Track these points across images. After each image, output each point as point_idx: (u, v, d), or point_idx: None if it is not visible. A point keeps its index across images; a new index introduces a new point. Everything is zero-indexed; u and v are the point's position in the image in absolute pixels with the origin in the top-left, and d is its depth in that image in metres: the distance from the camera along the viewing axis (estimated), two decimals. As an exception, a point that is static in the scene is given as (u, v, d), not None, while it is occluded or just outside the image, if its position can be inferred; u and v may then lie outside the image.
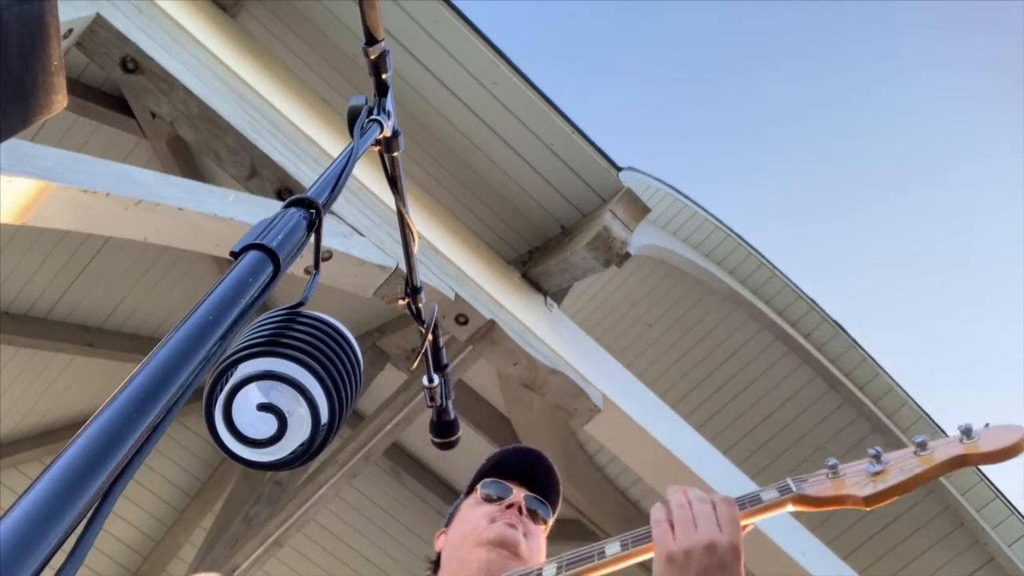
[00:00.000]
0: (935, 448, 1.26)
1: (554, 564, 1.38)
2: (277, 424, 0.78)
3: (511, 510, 1.63)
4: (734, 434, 5.88)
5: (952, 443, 1.26)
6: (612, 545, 1.32)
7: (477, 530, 1.60)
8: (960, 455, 1.23)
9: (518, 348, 3.98)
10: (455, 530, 1.68)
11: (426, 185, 4.55)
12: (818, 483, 1.29)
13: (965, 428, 1.24)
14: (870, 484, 1.25)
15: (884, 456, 1.27)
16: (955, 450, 1.24)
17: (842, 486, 1.27)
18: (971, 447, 1.23)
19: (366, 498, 6.33)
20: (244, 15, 4.40)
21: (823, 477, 1.30)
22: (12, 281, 5.20)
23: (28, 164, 2.64)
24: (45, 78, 1.08)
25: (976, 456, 1.22)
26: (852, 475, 1.28)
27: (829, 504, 1.27)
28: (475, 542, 1.58)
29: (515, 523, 1.61)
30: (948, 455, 1.24)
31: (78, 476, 0.56)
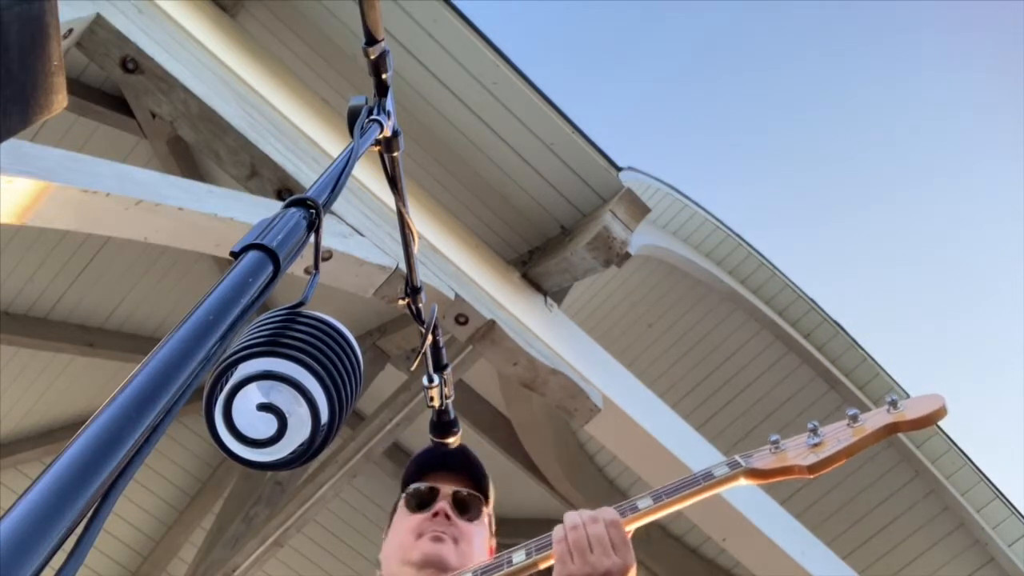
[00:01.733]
0: (866, 419, 1.39)
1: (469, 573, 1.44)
2: (277, 424, 0.78)
3: (437, 519, 1.62)
4: (734, 434, 5.88)
5: (880, 414, 1.39)
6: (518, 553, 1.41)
7: (403, 547, 1.60)
8: (890, 423, 1.36)
9: (518, 348, 3.98)
10: (389, 540, 1.68)
11: (426, 185, 4.55)
12: (763, 457, 1.41)
13: (892, 400, 1.38)
14: (811, 455, 1.37)
15: (821, 429, 1.41)
16: (884, 419, 1.37)
17: (785, 458, 1.39)
18: (898, 415, 1.36)
19: (366, 498, 6.32)
20: (244, 15, 4.40)
21: (767, 452, 1.42)
22: (12, 281, 5.20)
23: (28, 164, 2.64)
24: (45, 78, 1.07)
25: (904, 423, 1.35)
26: (793, 448, 1.41)
27: (777, 475, 1.39)
28: (402, 561, 1.59)
29: (442, 533, 1.60)
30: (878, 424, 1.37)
31: (78, 476, 0.56)
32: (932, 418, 1.34)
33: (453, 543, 1.59)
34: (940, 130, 21.49)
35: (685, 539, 5.91)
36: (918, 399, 1.38)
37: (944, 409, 1.34)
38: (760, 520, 4.47)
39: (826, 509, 5.83)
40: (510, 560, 1.40)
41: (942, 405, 1.34)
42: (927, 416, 1.34)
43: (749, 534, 4.45)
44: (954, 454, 5.64)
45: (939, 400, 1.35)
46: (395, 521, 1.69)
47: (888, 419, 1.36)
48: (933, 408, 1.34)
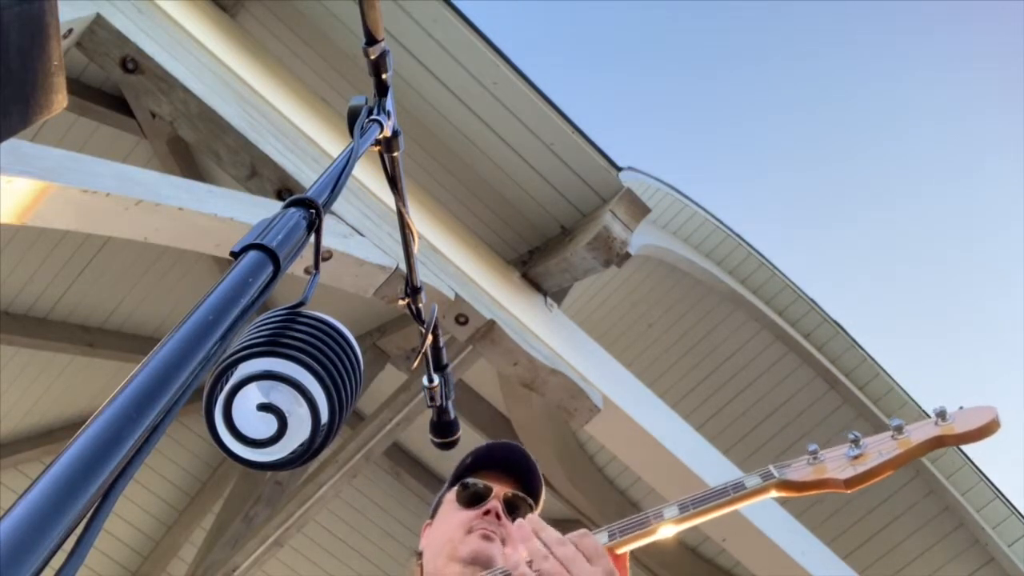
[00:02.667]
0: (911, 431, 1.29)
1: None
2: (277, 424, 0.78)
3: (488, 517, 1.59)
4: (734, 434, 5.89)
5: (927, 425, 1.29)
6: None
7: (452, 542, 1.57)
8: (936, 436, 1.27)
9: (518, 348, 3.98)
10: (435, 532, 1.65)
11: (426, 185, 4.55)
12: (800, 468, 1.33)
13: (940, 411, 1.28)
14: (850, 467, 1.28)
15: (863, 440, 1.31)
16: (931, 432, 1.27)
17: (823, 471, 1.30)
18: (946, 428, 1.26)
19: (366, 498, 6.33)
20: (244, 15, 4.40)
21: (804, 463, 1.34)
22: (12, 281, 5.20)
23: (28, 164, 2.64)
24: (45, 78, 1.08)
25: (951, 437, 1.26)
26: (832, 460, 1.31)
27: (811, 488, 1.31)
28: (450, 556, 1.56)
29: (491, 533, 1.57)
30: (924, 437, 1.27)
31: (78, 476, 0.56)
32: (983, 432, 1.24)
33: (501, 543, 1.57)
34: (942, 130, 21.50)
35: (685, 539, 5.91)
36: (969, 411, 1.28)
37: (997, 422, 1.24)
38: (760, 520, 4.47)
39: (826, 509, 5.83)
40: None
41: (994, 418, 1.24)
42: (977, 430, 1.24)
43: (749, 534, 4.45)
44: (954, 455, 5.64)
45: (991, 412, 1.25)
46: (442, 513, 1.67)
47: (935, 432, 1.27)
48: (984, 422, 1.24)
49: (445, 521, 1.64)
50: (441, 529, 1.63)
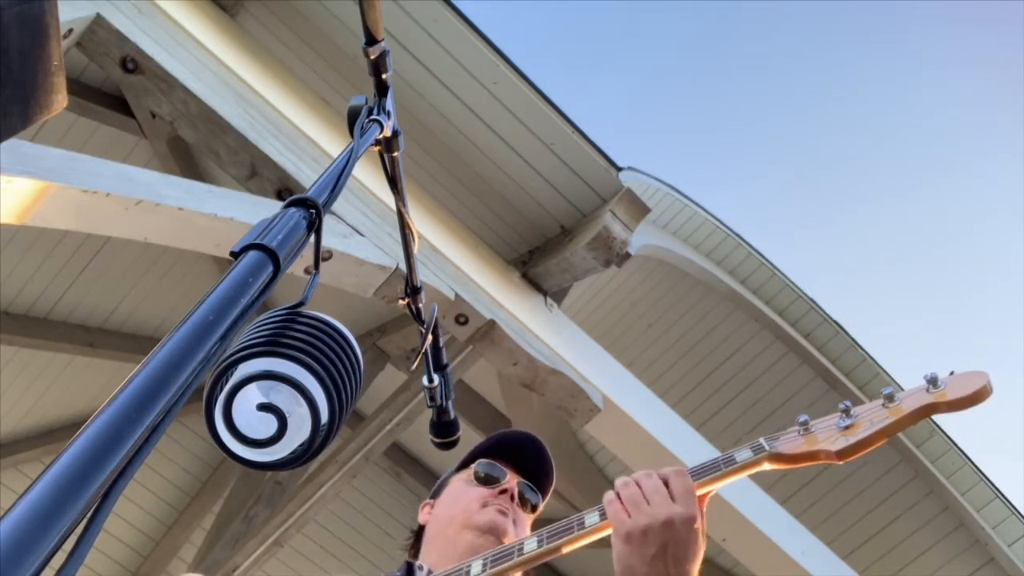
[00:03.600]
0: (903, 399, 1.27)
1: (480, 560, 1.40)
2: (277, 424, 0.78)
3: (503, 496, 1.62)
4: (734, 434, 5.88)
5: (919, 393, 1.26)
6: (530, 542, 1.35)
7: (468, 512, 1.59)
8: (929, 404, 1.23)
9: (518, 348, 3.98)
10: (444, 506, 1.66)
11: (426, 185, 4.55)
12: (790, 440, 1.30)
13: (931, 377, 1.25)
14: (841, 438, 1.25)
15: (854, 410, 1.28)
16: (923, 400, 1.24)
17: (815, 441, 1.27)
18: (938, 395, 1.23)
19: (366, 498, 6.33)
20: (244, 15, 4.40)
21: (795, 434, 1.31)
22: (12, 281, 5.20)
23: (28, 164, 2.64)
24: (45, 78, 1.08)
25: (943, 404, 1.23)
26: (823, 430, 1.29)
27: (803, 460, 1.28)
28: (464, 524, 1.57)
29: (506, 510, 1.60)
30: (916, 404, 1.24)
31: (78, 476, 0.56)
32: (975, 398, 1.21)
33: (512, 523, 1.59)
34: (940, 129, 21.51)
35: (685, 539, 5.90)
36: (960, 376, 1.25)
37: (989, 388, 1.21)
38: (760, 520, 4.47)
39: (826, 509, 5.83)
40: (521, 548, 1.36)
41: (986, 383, 1.21)
42: (970, 396, 1.21)
43: (749, 534, 4.45)
44: (954, 454, 5.64)
45: (983, 378, 1.22)
46: (452, 491, 1.68)
47: (928, 399, 1.24)
48: (977, 387, 1.21)
49: (457, 496, 1.65)
50: (453, 502, 1.64)
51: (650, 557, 1.19)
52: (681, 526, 1.21)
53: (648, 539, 1.19)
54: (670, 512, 1.21)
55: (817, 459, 1.27)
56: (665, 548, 1.20)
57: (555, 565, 6.33)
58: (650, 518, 1.20)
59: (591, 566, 6.12)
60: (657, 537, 1.20)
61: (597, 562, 5.76)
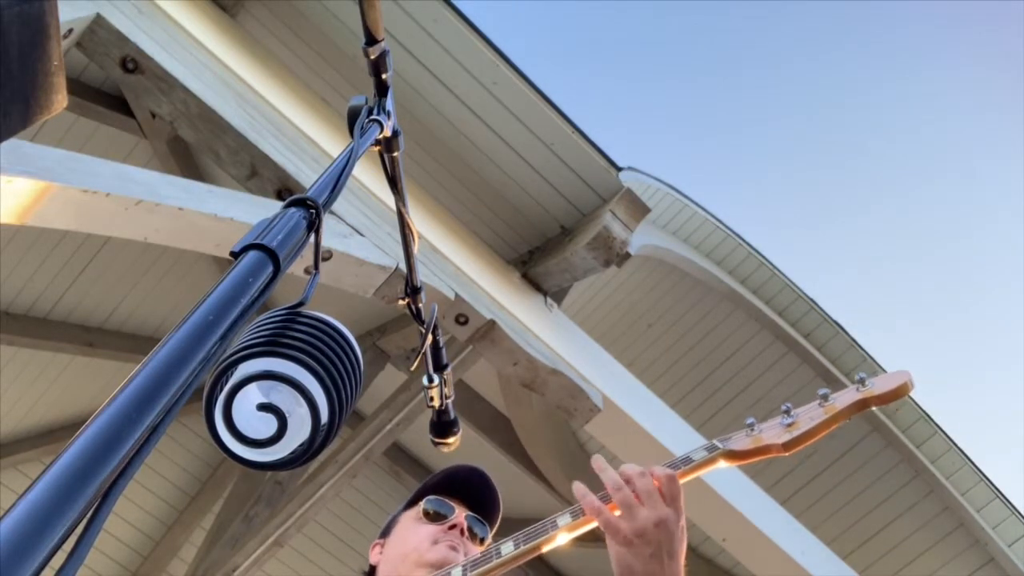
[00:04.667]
0: (836, 398, 1.44)
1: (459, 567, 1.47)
2: (277, 424, 0.78)
3: (453, 531, 1.65)
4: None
5: (850, 392, 1.44)
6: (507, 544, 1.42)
7: (419, 550, 1.62)
8: (859, 400, 1.41)
9: (518, 348, 3.97)
10: (394, 545, 1.70)
11: (426, 185, 4.55)
12: (740, 439, 1.44)
13: (860, 377, 1.43)
14: (786, 433, 1.41)
15: (793, 411, 1.45)
16: (853, 397, 1.42)
17: (761, 440, 1.43)
18: (866, 392, 1.41)
19: (366, 498, 6.32)
20: (244, 15, 4.40)
21: (743, 434, 1.46)
22: (12, 281, 5.20)
23: (28, 164, 2.64)
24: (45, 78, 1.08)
25: (872, 399, 1.40)
26: (768, 429, 1.45)
27: (754, 455, 1.42)
28: (416, 562, 1.60)
29: (456, 545, 1.62)
30: (848, 401, 1.41)
31: (78, 476, 0.56)
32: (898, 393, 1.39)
33: (463, 556, 1.61)
34: (941, 128, 21.50)
35: (685, 539, 5.91)
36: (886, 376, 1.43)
37: (910, 384, 1.38)
38: (760, 520, 4.47)
39: (826, 509, 5.83)
40: (499, 551, 1.41)
41: (907, 380, 1.38)
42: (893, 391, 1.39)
43: (749, 534, 4.45)
44: (954, 454, 5.64)
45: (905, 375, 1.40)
46: (401, 530, 1.72)
47: (857, 396, 1.41)
48: (899, 383, 1.39)
49: (407, 535, 1.69)
50: (404, 540, 1.68)
51: (647, 556, 1.26)
52: (671, 525, 1.28)
53: (646, 540, 1.27)
54: (662, 514, 1.28)
55: (768, 452, 1.41)
56: (660, 547, 1.27)
57: (553, 564, 6.33)
58: (645, 521, 1.27)
59: (589, 564, 6.12)
60: (653, 537, 1.27)
61: (596, 560, 5.76)
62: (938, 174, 20.86)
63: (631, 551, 1.27)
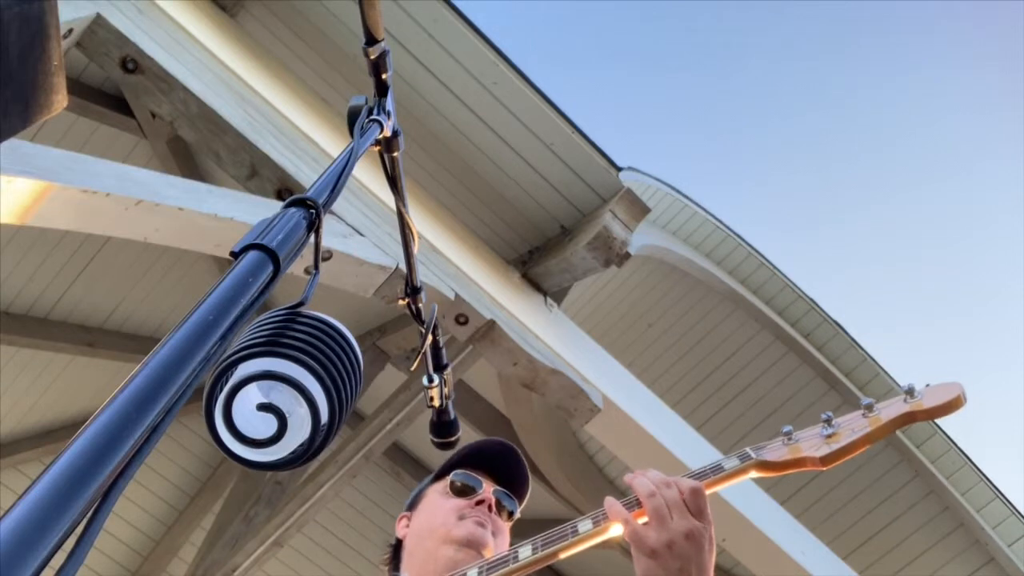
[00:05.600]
0: (881, 409, 1.34)
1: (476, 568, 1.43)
2: (277, 424, 0.78)
3: (481, 507, 1.62)
4: (734, 434, 5.88)
5: (897, 403, 1.34)
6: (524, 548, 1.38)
7: (446, 525, 1.58)
8: (906, 413, 1.31)
9: (518, 348, 3.97)
10: (421, 519, 1.66)
11: (426, 185, 4.55)
12: (775, 449, 1.36)
13: (909, 388, 1.33)
14: (824, 446, 1.32)
15: (835, 420, 1.36)
16: (900, 409, 1.32)
17: (798, 450, 1.34)
18: (915, 405, 1.31)
19: (366, 498, 6.32)
20: (244, 15, 4.40)
21: (779, 444, 1.37)
22: (12, 281, 5.20)
23: (28, 164, 2.64)
24: (45, 78, 1.08)
25: (920, 412, 1.30)
26: (807, 439, 1.36)
27: (789, 467, 1.33)
28: (443, 538, 1.57)
29: (484, 521, 1.59)
30: (894, 414, 1.32)
31: (78, 476, 0.56)
32: (949, 407, 1.29)
33: (491, 534, 1.59)
34: (940, 129, 21.50)
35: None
36: (936, 388, 1.33)
37: (962, 398, 1.28)
38: (760, 520, 4.47)
39: (826, 509, 5.83)
40: (516, 555, 1.38)
41: (959, 394, 1.29)
42: (944, 405, 1.29)
43: (749, 534, 4.45)
44: (954, 454, 5.64)
45: (957, 389, 1.30)
46: (428, 503, 1.68)
47: (904, 408, 1.32)
48: (950, 397, 1.29)
49: (435, 508, 1.65)
50: (430, 516, 1.64)
51: (676, 571, 1.21)
52: (700, 537, 1.23)
53: (674, 552, 1.22)
54: (690, 526, 1.23)
55: (803, 466, 1.32)
56: (689, 560, 1.22)
57: (557, 567, 6.33)
58: (674, 533, 1.22)
59: (598, 568, 6.12)
60: (682, 550, 1.22)
61: (604, 564, 5.76)
62: (938, 174, 20.85)
63: (658, 563, 1.22)
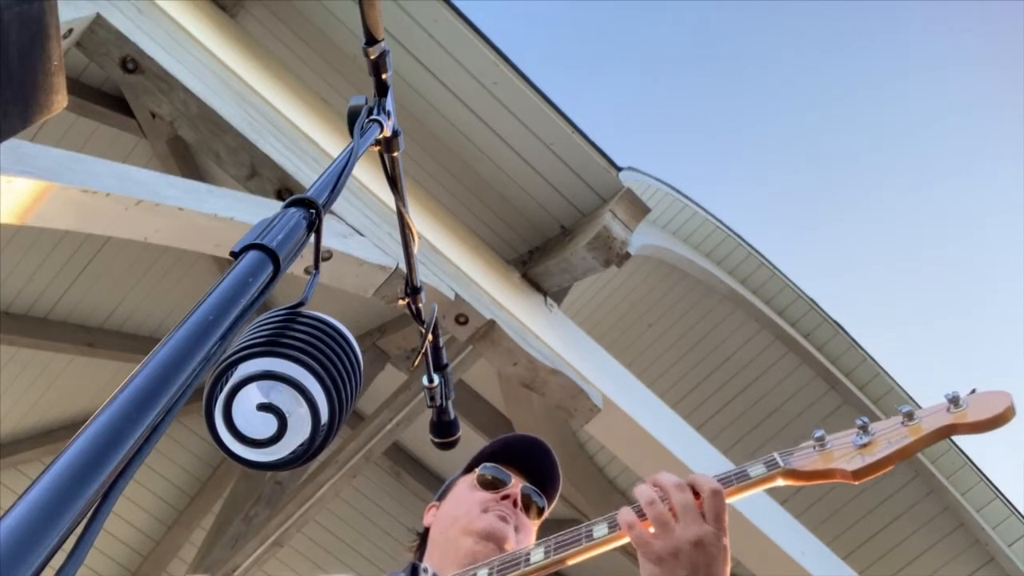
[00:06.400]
0: (922, 418, 1.23)
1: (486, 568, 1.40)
2: (277, 424, 0.78)
3: (506, 502, 1.62)
4: (734, 434, 5.88)
5: (940, 412, 1.22)
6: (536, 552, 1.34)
7: (469, 516, 1.58)
8: (949, 425, 1.19)
9: (518, 348, 3.97)
10: (447, 509, 1.66)
11: (426, 185, 4.55)
12: (805, 456, 1.26)
13: (952, 396, 1.21)
14: (858, 457, 1.21)
15: (872, 427, 1.25)
16: (943, 420, 1.20)
17: (830, 459, 1.24)
18: (959, 416, 1.19)
19: (366, 498, 6.32)
20: (244, 15, 4.40)
21: (810, 450, 1.27)
22: (12, 281, 5.20)
23: (28, 164, 2.64)
24: (45, 78, 1.08)
25: (964, 425, 1.19)
26: (840, 447, 1.25)
27: (817, 478, 1.24)
28: (464, 529, 1.57)
29: (507, 516, 1.59)
30: (936, 425, 1.20)
31: (78, 476, 0.56)
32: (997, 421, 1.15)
33: (514, 529, 1.58)
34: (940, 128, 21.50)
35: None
36: (983, 396, 1.20)
37: (1012, 410, 1.15)
38: (760, 520, 4.47)
39: (826, 509, 5.83)
40: (528, 559, 1.36)
41: (1009, 406, 1.16)
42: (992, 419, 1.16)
43: (749, 534, 4.44)
44: (954, 455, 5.64)
45: (1006, 400, 1.17)
46: (456, 494, 1.68)
47: (948, 419, 1.19)
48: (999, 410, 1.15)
49: (460, 499, 1.65)
50: (456, 505, 1.64)
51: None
52: (711, 546, 1.17)
53: (679, 560, 1.17)
54: (700, 532, 1.17)
55: (832, 477, 1.23)
56: (696, 568, 1.16)
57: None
58: (680, 540, 1.17)
59: (605, 571, 6.12)
60: (688, 558, 1.16)
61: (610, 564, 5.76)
62: (938, 174, 20.86)
63: (664, 571, 1.16)
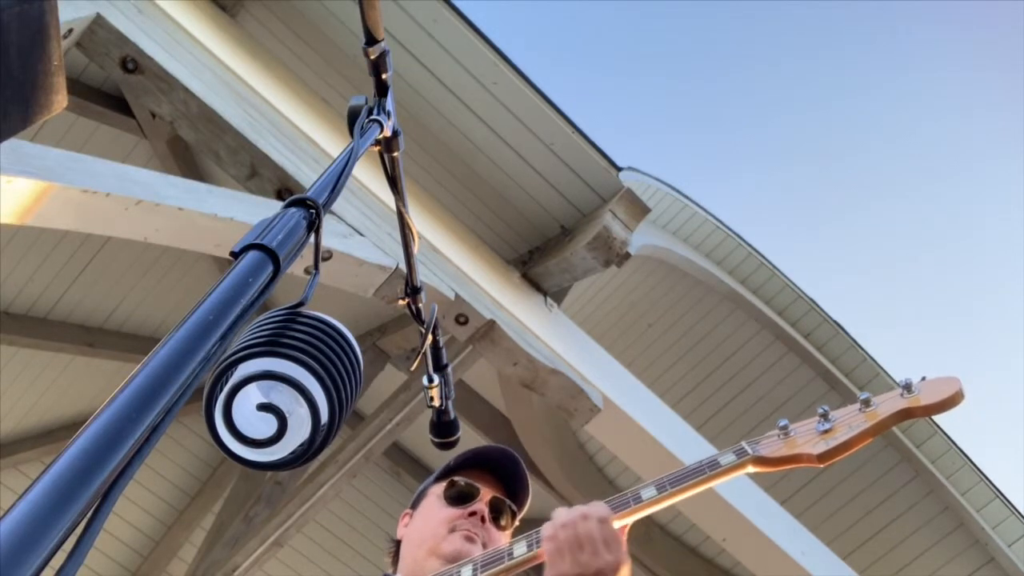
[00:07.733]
0: (879, 404, 1.31)
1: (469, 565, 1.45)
2: (277, 424, 0.78)
3: (473, 518, 1.62)
4: (734, 434, 5.88)
5: (894, 398, 1.31)
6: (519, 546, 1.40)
7: (436, 538, 1.60)
8: (903, 409, 1.28)
9: (518, 348, 3.97)
10: (417, 525, 1.68)
11: (426, 185, 4.55)
12: (771, 443, 1.34)
13: (905, 383, 1.30)
14: (821, 442, 1.30)
15: (832, 414, 1.33)
16: (898, 404, 1.29)
17: (794, 445, 1.32)
18: (912, 400, 1.28)
19: (366, 498, 6.32)
20: (244, 15, 4.40)
21: (775, 438, 1.35)
22: (12, 281, 5.20)
23: (28, 164, 2.64)
24: (45, 78, 1.08)
25: (918, 409, 1.28)
26: (803, 434, 1.33)
27: (785, 463, 1.32)
28: (431, 551, 1.59)
29: (474, 535, 1.60)
30: (892, 410, 1.29)
31: (78, 476, 0.56)
32: (947, 404, 1.26)
33: (481, 546, 1.60)
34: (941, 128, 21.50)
35: (684, 538, 5.91)
36: (933, 382, 1.30)
37: (961, 393, 1.25)
38: (760, 520, 4.47)
39: (826, 509, 5.83)
40: (511, 553, 1.40)
41: (958, 390, 1.26)
42: (942, 402, 1.26)
43: (749, 534, 4.45)
44: (954, 454, 5.64)
45: (955, 384, 1.27)
46: (425, 507, 1.69)
47: (902, 404, 1.29)
48: (948, 393, 1.26)
49: (429, 515, 1.66)
50: (424, 522, 1.66)
51: None
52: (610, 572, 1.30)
53: None
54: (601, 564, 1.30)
55: (799, 462, 1.31)
56: None
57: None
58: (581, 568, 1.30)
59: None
60: None
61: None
62: (938, 174, 20.86)
63: None
